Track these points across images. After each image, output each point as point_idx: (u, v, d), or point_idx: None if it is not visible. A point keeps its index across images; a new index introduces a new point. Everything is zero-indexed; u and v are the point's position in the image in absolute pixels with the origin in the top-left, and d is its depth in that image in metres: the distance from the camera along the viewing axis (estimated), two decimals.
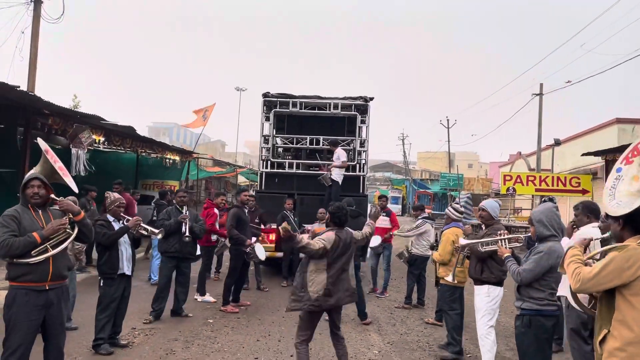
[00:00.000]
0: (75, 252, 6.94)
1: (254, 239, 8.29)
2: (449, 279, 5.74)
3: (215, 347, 6.03)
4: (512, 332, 6.39)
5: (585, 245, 3.13)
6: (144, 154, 17.30)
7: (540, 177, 20.02)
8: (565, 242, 4.48)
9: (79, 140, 11.43)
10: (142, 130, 12.90)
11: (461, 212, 6.61)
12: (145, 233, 6.13)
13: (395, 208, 33.94)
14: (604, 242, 3.23)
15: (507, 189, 20.25)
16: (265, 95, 11.34)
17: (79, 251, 7.74)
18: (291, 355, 5.84)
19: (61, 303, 4.24)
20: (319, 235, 5.00)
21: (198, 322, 7.10)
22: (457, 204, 7.89)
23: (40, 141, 4.45)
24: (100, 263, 5.84)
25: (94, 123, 12.31)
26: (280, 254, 10.12)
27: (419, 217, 9.34)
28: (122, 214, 6.01)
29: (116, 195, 6.04)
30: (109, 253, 5.82)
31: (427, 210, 10.35)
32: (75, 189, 4.77)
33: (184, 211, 7.38)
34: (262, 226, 9.87)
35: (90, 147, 12.20)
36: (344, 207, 5.26)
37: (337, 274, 4.88)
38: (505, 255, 4.46)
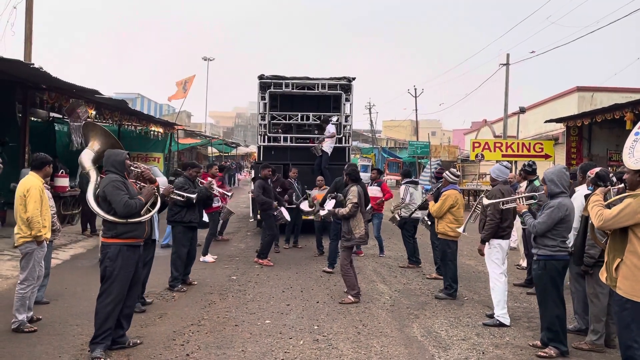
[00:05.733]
0: None
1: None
2: (460, 229, 6.60)
3: (249, 298, 6.85)
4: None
5: (605, 193, 4.06)
6: (130, 126, 17.52)
7: (506, 143, 21.28)
8: (582, 190, 5.48)
9: (77, 115, 11.76)
10: None
11: (457, 176, 7.48)
12: (181, 199, 6.76)
13: (365, 176, 34.53)
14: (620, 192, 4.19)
15: (476, 155, 21.47)
16: (260, 77, 12.64)
17: None
18: (317, 302, 6.73)
19: (143, 253, 5.08)
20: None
21: (223, 279, 7.88)
22: (446, 169, 8.80)
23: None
24: None
25: (88, 97, 12.58)
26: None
27: (402, 182, 10.18)
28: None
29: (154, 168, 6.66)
30: None
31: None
32: None
33: (197, 184, 7.64)
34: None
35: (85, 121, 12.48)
36: (354, 168, 7.39)
37: (365, 221, 6.86)
38: (522, 211, 5.18)
